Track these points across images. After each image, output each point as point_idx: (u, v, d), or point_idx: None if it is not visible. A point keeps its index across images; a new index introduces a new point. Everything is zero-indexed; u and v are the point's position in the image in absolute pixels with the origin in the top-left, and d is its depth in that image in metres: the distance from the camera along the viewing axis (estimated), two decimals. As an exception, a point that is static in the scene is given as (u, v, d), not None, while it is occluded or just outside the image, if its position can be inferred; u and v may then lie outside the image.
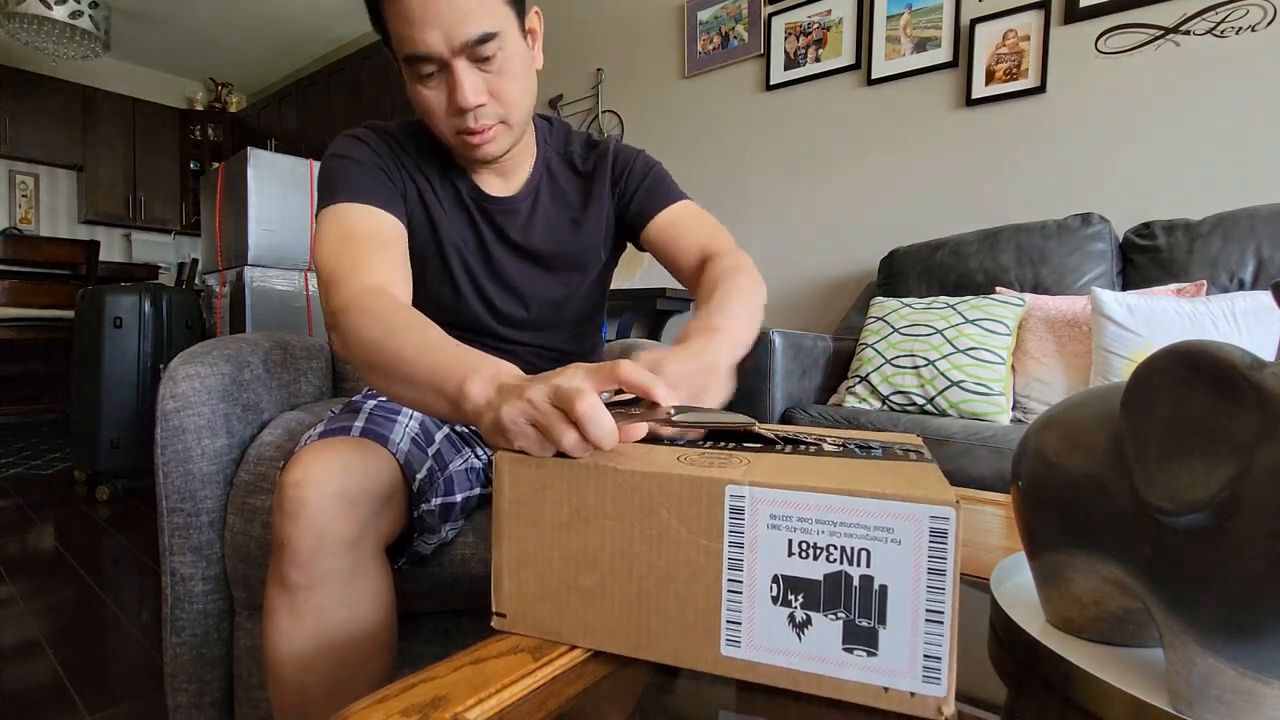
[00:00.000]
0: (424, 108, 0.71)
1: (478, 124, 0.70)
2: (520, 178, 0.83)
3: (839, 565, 0.35)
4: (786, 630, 0.36)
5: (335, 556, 0.55)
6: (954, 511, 0.32)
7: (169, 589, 0.81)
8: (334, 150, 0.76)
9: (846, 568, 0.35)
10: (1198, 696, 0.31)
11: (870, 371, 1.63)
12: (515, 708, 0.35)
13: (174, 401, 0.79)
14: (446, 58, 0.66)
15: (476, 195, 0.81)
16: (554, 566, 0.41)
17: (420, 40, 0.64)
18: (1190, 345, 0.30)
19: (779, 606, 0.36)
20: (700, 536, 0.37)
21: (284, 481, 0.56)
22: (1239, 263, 1.50)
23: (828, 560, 0.35)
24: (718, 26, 2.65)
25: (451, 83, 0.67)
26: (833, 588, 0.35)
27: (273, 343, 0.97)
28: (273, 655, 0.57)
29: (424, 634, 0.80)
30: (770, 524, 0.36)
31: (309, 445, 0.60)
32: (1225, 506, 0.28)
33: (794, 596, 0.36)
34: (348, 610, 0.57)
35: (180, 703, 0.83)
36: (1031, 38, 1.96)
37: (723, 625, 0.37)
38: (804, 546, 0.35)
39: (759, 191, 2.59)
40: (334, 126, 4.20)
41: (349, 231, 0.69)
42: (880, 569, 0.34)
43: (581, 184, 0.86)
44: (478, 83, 0.68)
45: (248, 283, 2.61)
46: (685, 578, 0.38)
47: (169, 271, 5.02)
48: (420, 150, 0.80)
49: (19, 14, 3.28)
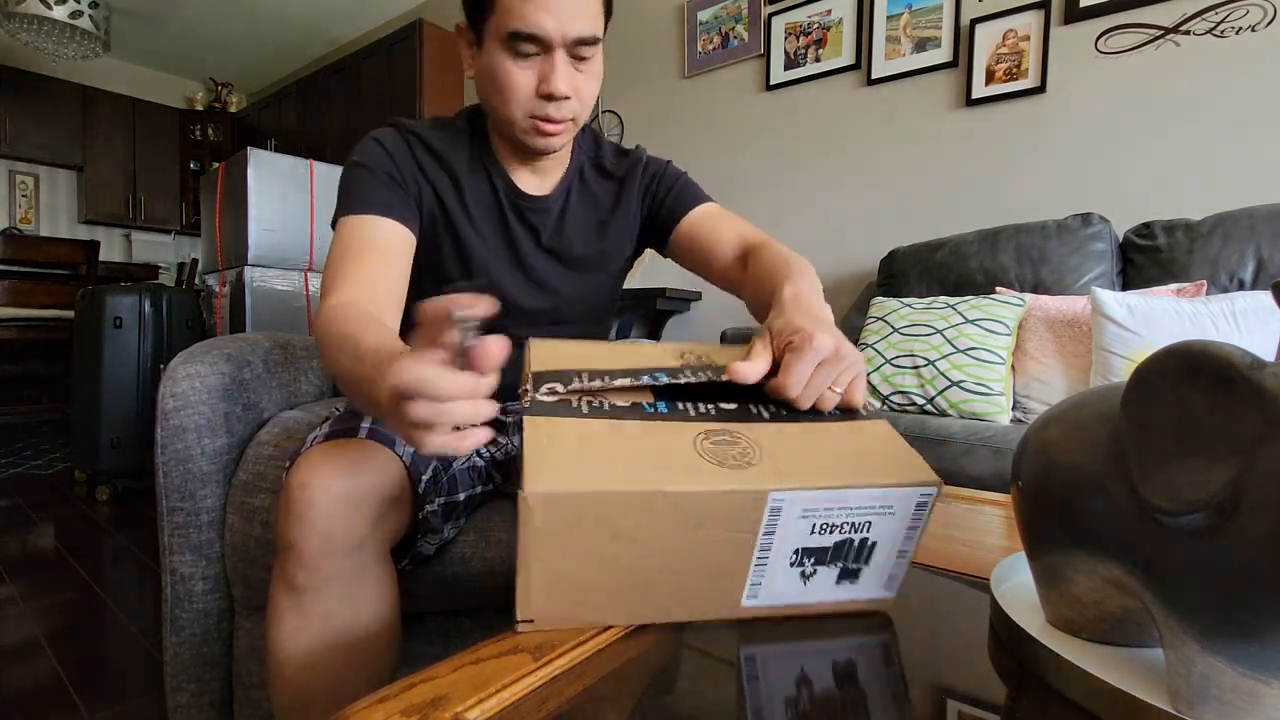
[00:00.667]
0: (505, 85, 0.71)
1: (558, 114, 0.72)
2: (555, 177, 0.85)
3: (848, 535, 0.43)
4: (797, 582, 0.44)
5: (341, 558, 0.55)
6: (938, 489, 0.42)
7: (169, 588, 0.81)
8: (353, 156, 0.77)
9: (852, 535, 0.43)
10: (1198, 696, 0.31)
11: (870, 371, 1.63)
12: (515, 708, 0.35)
13: (174, 401, 0.79)
14: (554, 44, 0.69)
15: (511, 193, 0.82)
16: (590, 579, 0.42)
17: (536, 21, 0.67)
18: (1190, 345, 0.30)
19: (794, 568, 0.44)
20: (741, 533, 0.42)
21: (290, 483, 0.55)
22: (1239, 263, 1.50)
23: (840, 533, 0.43)
24: (718, 26, 2.65)
25: (548, 69, 0.70)
26: (838, 550, 0.44)
27: (273, 342, 0.97)
28: (276, 655, 0.57)
29: (425, 634, 0.80)
30: (802, 516, 0.42)
31: (315, 446, 0.59)
32: (1225, 506, 0.28)
33: (808, 560, 0.44)
34: (352, 611, 0.57)
35: (180, 702, 0.82)
36: (1031, 38, 1.96)
37: (746, 585, 0.44)
38: (824, 526, 0.43)
39: (759, 192, 2.58)
40: (334, 126, 4.20)
41: (346, 246, 0.71)
42: (876, 533, 0.43)
43: (612, 188, 0.89)
44: (570, 77, 0.71)
45: (248, 283, 2.61)
46: (722, 565, 0.43)
47: (169, 271, 5.02)
48: (451, 146, 0.80)
49: (19, 14, 3.28)
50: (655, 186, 0.89)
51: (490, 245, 0.82)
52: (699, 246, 0.85)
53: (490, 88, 0.74)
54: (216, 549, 0.82)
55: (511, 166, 0.82)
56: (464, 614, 0.81)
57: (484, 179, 0.81)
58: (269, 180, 2.64)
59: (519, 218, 0.83)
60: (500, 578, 0.76)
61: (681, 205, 0.88)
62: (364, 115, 3.94)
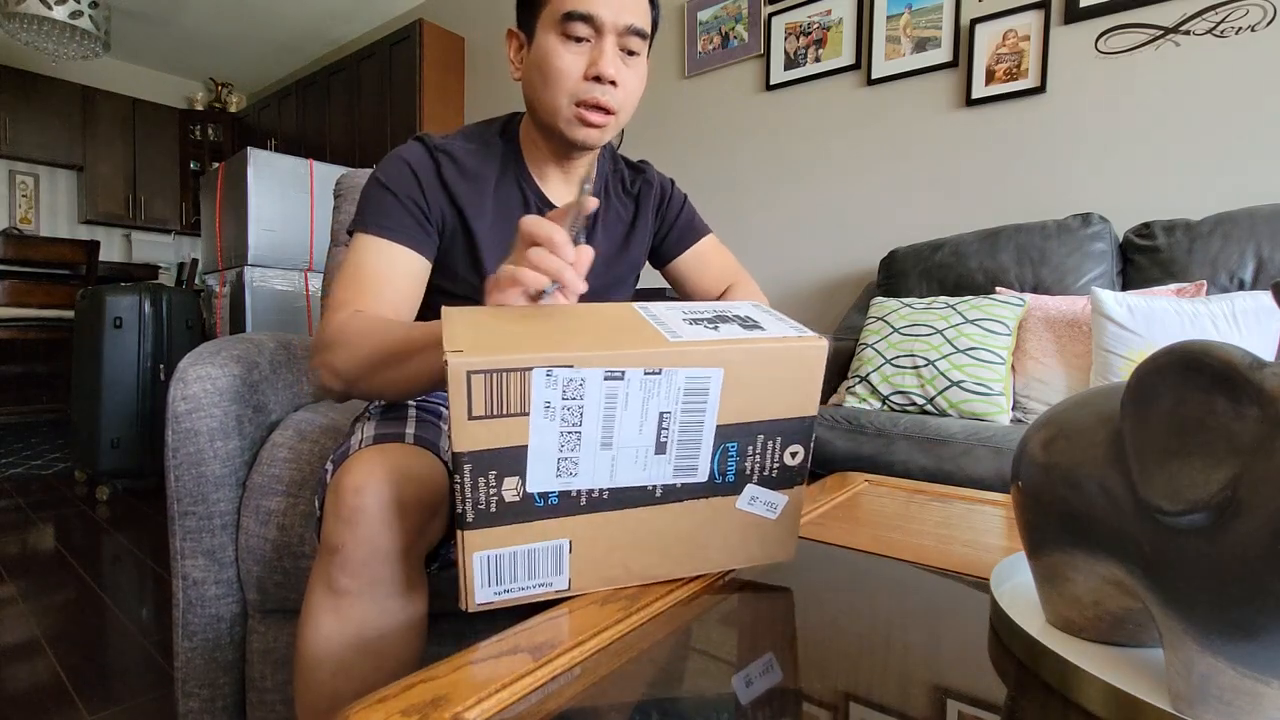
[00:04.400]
0: (556, 70, 0.72)
1: (604, 99, 0.73)
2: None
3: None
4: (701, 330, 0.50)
5: (386, 565, 0.55)
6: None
7: (180, 593, 0.80)
8: (378, 172, 0.78)
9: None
10: (1198, 696, 0.31)
11: (870, 371, 1.63)
12: (515, 708, 0.35)
13: (185, 404, 0.78)
14: (606, 29, 0.71)
15: (542, 201, 0.83)
16: (509, 330, 0.47)
17: (592, 4, 0.69)
18: (1190, 345, 0.30)
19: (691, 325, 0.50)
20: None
21: (342, 486, 0.55)
22: (1239, 263, 1.50)
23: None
24: (718, 26, 2.65)
25: (598, 53, 0.71)
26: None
27: (277, 342, 0.97)
28: (309, 656, 0.57)
29: (437, 634, 0.79)
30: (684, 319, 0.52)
31: (366, 450, 0.59)
32: (1225, 506, 0.28)
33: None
34: (389, 619, 0.57)
35: (191, 708, 0.82)
36: (1031, 38, 1.96)
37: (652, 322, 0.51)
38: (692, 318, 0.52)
39: (759, 191, 2.58)
40: (334, 126, 4.20)
41: (360, 266, 0.72)
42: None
43: (630, 204, 0.91)
44: (619, 66, 0.73)
45: (248, 283, 2.61)
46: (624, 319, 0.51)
47: (169, 271, 5.01)
48: (481, 160, 0.81)
49: (19, 14, 3.28)
50: (665, 210, 0.93)
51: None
52: (692, 279, 0.96)
53: (538, 77, 0.75)
54: (230, 553, 0.81)
55: (543, 175, 0.83)
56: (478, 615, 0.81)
57: (514, 189, 0.82)
58: (269, 180, 2.64)
59: None
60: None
61: (686, 239, 0.95)
62: (364, 115, 3.94)
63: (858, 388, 1.65)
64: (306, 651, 0.57)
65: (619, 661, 0.40)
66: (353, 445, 0.63)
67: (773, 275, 2.53)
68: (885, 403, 1.60)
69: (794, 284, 2.49)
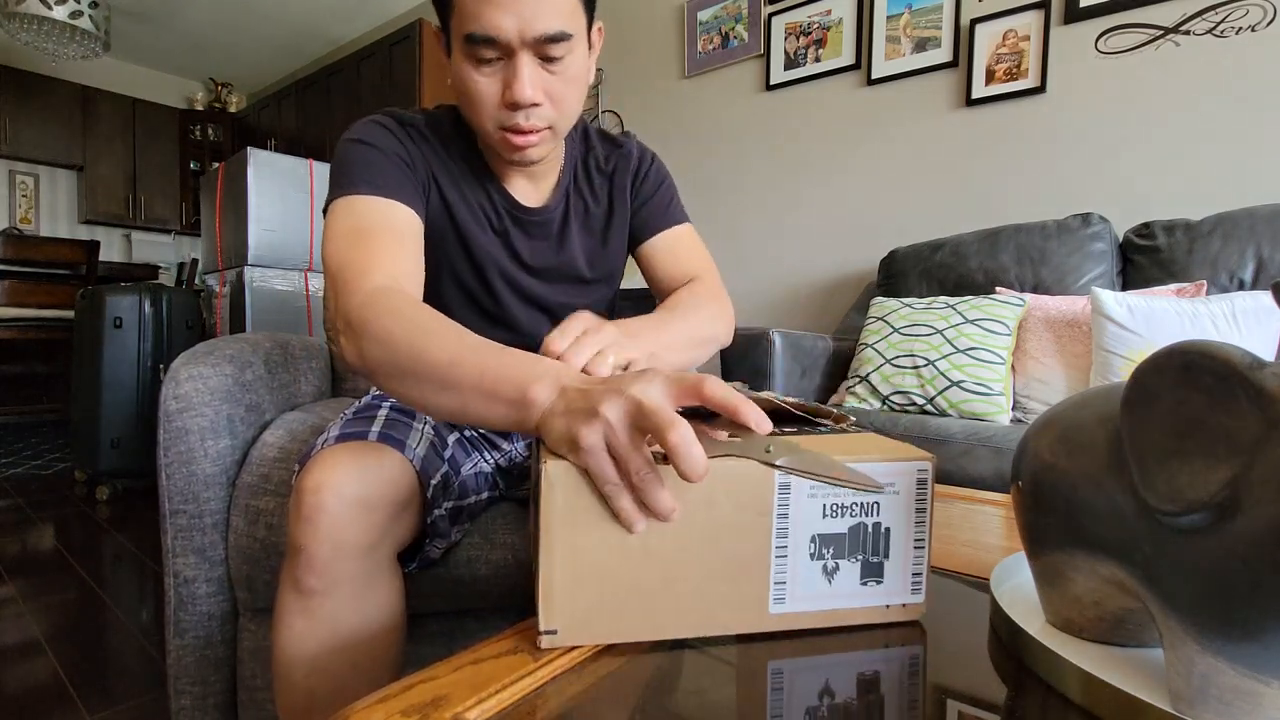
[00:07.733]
0: (471, 95, 0.65)
1: (527, 123, 0.65)
2: (549, 183, 0.80)
3: (860, 518, 0.44)
4: (820, 579, 0.44)
5: (351, 562, 0.55)
6: (931, 464, 0.45)
7: (171, 591, 0.81)
8: (352, 135, 0.71)
9: (864, 519, 0.44)
10: (1198, 696, 0.31)
11: (870, 371, 1.63)
12: (515, 708, 0.35)
13: (177, 403, 0.78)
14: (514, 47, 0.61)
15: (509, 205, 0.77)
16: (613, 572, 0.41)
17: (492, 22, 0.60)
18: (1190, 345, 0.30)
19: (815, 561, 0.44)
20: (754, 515, 0.43)
21: (302, 486, 0.54)
22: (1239, 263, 1.50)
23: (851, 515, 0.44)
24: (718, 26, 2.65)
25: (511, 74, 0.63)
26: (855, 537, 0.44)
27: (273, 343, 0.97)
28: (282, 658, 0.56)
29: (428, 634, 0.80)
30: (810, 494, 0.43)
31: (326, 449, 0.58)
32: (1225, 506, 0.28)
33: (827, 550, 0.44)
34: (361, 616, 0.57)
35: (183, 705, 0.82)
36: (1031, 38, 1.96)
37: (770, 587, 0.44)
38: (835, 508, 0.44)
39: (759, 191, 2.58)
40: (334, 127, 4.20)
41: (362, 226, 0.64)
42: (887, 516, 0.44)
43: (604, 185, 0.84)
44: (539, 81, 0.64)
45: (248, 283, 2.61)
46: (741, 554, 0.43)
47: (169, 271, 5.02)
48: (447, 145, 0.75)
49: (19, 14, 3.28)
50: (641, 184, 0.85)
51: (494, 254, 0.78)
52: (655, 269, 0.87)
53: (460, 97, 0.68)
54: (220, 551, 0.81)
55: (504, 174, 0.77)
56: (468, 614, 0.81)
57: (480, 185, 0.77)
58: (269, 180, 2.64)
59: (520, 228, 0.79)
60: (504, 579, 0.76)
61: (656, 221, 0.86)
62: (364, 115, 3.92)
63: (858, 388, 1.65)
64: (280, 654, 0.56)
65: (619, 661, 0.40)
66: (317, 445, 0.62)
67: (773, 275, 2.53)
68: (885, 403, 1.60)
69: (794, 284, 2.49)
